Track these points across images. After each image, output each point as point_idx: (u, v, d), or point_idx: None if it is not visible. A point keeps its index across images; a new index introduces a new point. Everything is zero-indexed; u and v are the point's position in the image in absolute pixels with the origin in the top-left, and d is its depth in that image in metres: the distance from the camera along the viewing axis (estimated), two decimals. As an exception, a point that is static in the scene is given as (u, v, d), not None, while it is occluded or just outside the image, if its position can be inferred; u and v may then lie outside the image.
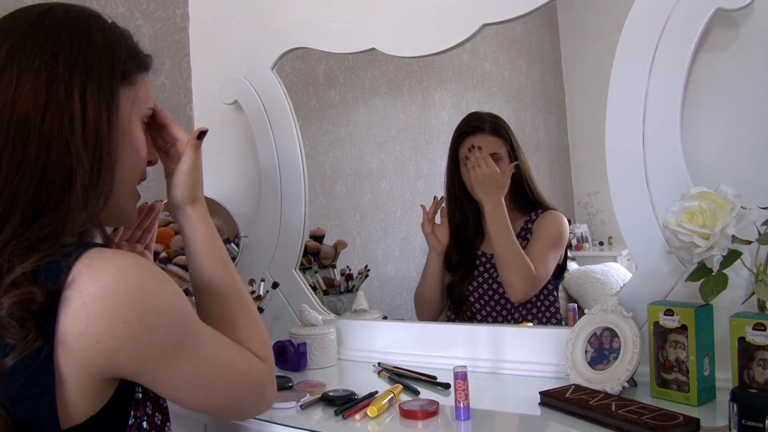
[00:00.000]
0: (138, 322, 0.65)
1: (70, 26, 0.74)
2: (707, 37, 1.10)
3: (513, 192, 1.60)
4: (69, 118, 0.70)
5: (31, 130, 0.68)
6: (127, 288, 0.65)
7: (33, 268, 0.64)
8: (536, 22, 2.07)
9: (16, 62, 0.69)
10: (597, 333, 1.13)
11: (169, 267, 1.39)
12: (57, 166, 0.69)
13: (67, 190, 0.70)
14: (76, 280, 0.64)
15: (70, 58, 0.71)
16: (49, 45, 0.71)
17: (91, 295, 0.63)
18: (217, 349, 0.76)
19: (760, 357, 0.92)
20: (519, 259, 1.49)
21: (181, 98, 1.78)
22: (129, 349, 0.65)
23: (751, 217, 0.98)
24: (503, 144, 1.61)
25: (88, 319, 0.63)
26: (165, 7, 1.75)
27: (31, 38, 0.71)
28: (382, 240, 1.88)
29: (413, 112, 1.98)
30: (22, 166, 0.68)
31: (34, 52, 0.70)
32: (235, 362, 0.78)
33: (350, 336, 1.48)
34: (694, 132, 1.12)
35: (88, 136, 0.71)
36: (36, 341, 0.62)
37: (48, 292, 0.63)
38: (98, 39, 0.75)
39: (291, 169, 1.58)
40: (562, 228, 1.59)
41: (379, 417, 1.04)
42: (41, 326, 0.63)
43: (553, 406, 1.03)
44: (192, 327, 0.73)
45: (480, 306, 1.61)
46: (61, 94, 0.70)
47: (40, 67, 0.70)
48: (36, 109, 0.69)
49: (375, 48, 1.44)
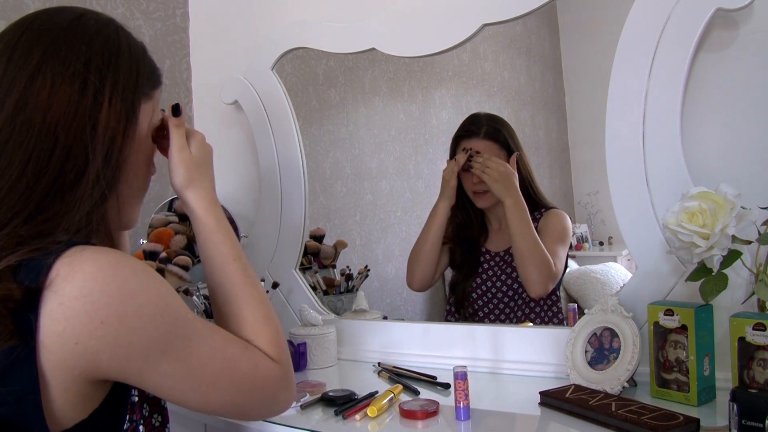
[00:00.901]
0: (117, 323, 0.63)
1: (101, 36, 0.75)
2: (707, 37, 1.10)
3: None
4: (93, 125, 0.71)
5: (59, 136, 0.69)
6: (104, 287, 0.63)
7: (16, 263, 0.64)
8: (536, 22, 2.07)
9: (50, 66, 0.70)
10: (597, 333, 1.13)
11: (169, 267, 1.39)
12: (72, 169, 0.70)
13: (74, 187, 0.70)
14: (54, 280, 0.63)
15: (101, 68, 0.73)
16: (83, 52, 0.72)
17: (68, 295, 0.62)
18: (216, 348, 0.72)
19: (760, 357, 0.92)
20: (540, 253, 1.49)
21: (181, 98, 1.78)
22: (110, 350, 0.64)
23: (751, 217, 0.98)
24: (499, 149, 1.60)
25: (66, 320, 0.62)
26: (165, 7, 1.75)
27: (66, 43, 0.72)
28: (382, 240, 1.88)
29: (413, 112, 1.98)
30: (44, 169, 0.69)
31: (69, 59, 0.71)
32: (238, 362, 0.74)
33: (350, 336, 1.48)
34: (694, 132, 1.12)
35: (105, 141, 0.72)
36: (11, 339, 0.61)
37: (26, 290, 0.62)
38: (126, 52, 0.76)
39: (291, 169, 1.58)
40: (568, 225, 1.61)
41: (379, 417, 1.04)
42: (19, 324, 0.62)
43: (553, 406, 1.03)
44: (182, 326, 0.69)
45: (482, 303, 1.61)
46: (89, 101, 0.71)
47: (74, 74, 0.71)
48: (67, 116, 0.70)
49: (375, 48, 1.44)
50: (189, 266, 1.42)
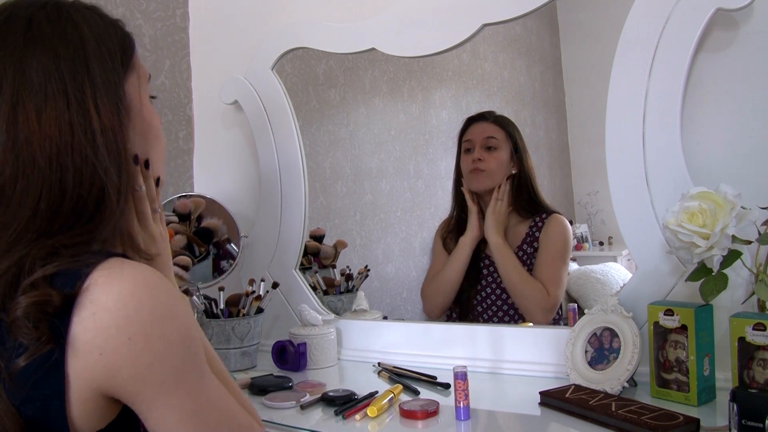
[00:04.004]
0: (143, 342, 0.63)
1: (58, 34, 0.70)
2: (707, 37, 1.10)
3: (516, 194, 1.61)
4: (91, 137, 0.69)
5: (64, 163, 0.67)
6: (138, 305, 0.63)
7: (53, 272, 0.64)
8: (536, 22, 2.07)
9: (27, 94, 0.67)
10: (597, 333, 1.13)
11: (169, 267, 1.38)
12: (89, 190, 0.68)
13: (100, 206, 0.69)
14: (90, 289, 0.63)
15: (74, 72, 0.69)
16: (51, 65, 0.68)
17: (102, 306, 0.62)
18: (221, 396, 0.71)
19: (760, 357, 0.92)
20: (530, 286, 1.52)
21: (181, 98, 1.78)
22: (131, 368, 0.63)
23: (751, 217, 0.98)
24: (505, 136, 1.64)
25: (95, 329, 0.62)
26: (165, 7, 1.75)
27: (28, 63, 0.68)
28: (382, 240, 1.88)
29: (413, 112, 1.98)
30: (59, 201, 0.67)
31: (41, 79, 0.67)
32: (238, 415, 0.73)
33: (350, 336, 1.48)
34: (694, 132, 1.12)
35: (110, 148, 0.70)
36: (48, 344, 0.62)
37: (65, 296, 0.62)
38: (90, 40, 0.72)
39: (291, 169, 1.58)
40: (569, 237, 1.61)
41: (379, 417, 1.04)
42: (55, 329, 0.62)
43: (553, 406, 1.03)
44: (199, 362, 0.69)
45: (482, 309, 1.62)
46: (78, 114, 0.68)
47: (54, 93, 0.67)
48: (65, 140, 0.67)
49: (375, 48, 1.44)
50: (189, 266, 1.42)
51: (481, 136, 1.64)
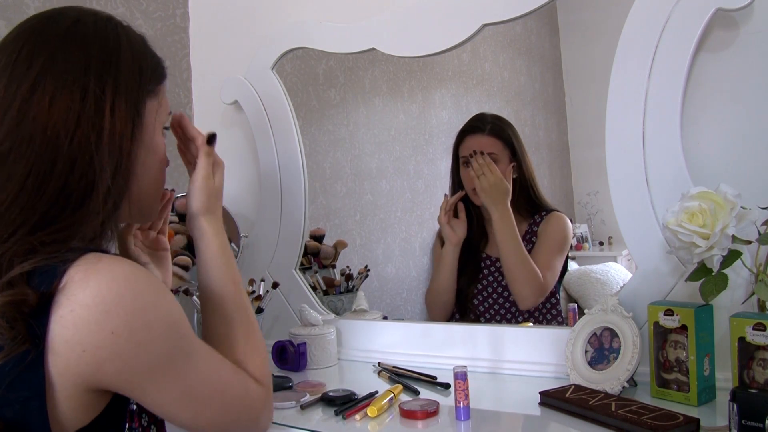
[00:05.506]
0: (127, 335, 0.63)
1: (99, 38, 0.73)
2: (707, 37, 1.10)
3: (516, 196, 1.60)
4: (97, 133, 0.70)
5: (60, 149, 0.68)
6: (118, 298, 0.63)
7: (30, 269, 0.64)
8: (536, 22, 2.07)
9: (49, 77, 0.69)
10: (597, 333, 1.13)
11: (169, 267, 1.39)
12: (78, 180, 0.69)
13: (85, 200, 0.70)
14: (67, 286, 0.63)
15: (101, 73, 0.71)
16: (81, 59, 0.71)
17: (80, 302, 0.62)
18: (212, 369, 0.73)
19: (760, 357, 0.92)
20: (527, 268, 1.50)
21: (181, 98, 1.78)
22: (116, 361, 0.64)
23: (751, 217, 0.98)
24: (503, 146, 1.61)
25: (75, 327, 0.62)
26: (165, 7, 1.75)
27: (63, 52, 0.71)
28: (382, 240, 1.88)
29: (413, 112, 1.98)
30: (45, 182, 0.68)
31: (67, 68, 0.70)
32: (231, 384, 0.75)
33: (350, 336, 1.48)
34: (694, 132, 1.12)
35: (112, 149, 0.71)
36: (24, 344, 0.61)
37: (40, 295, 0.62)
38: (126, 51, 0.75)
39: (291, 169, 1.58)
40: (568, 232, 1.61)
41: (379, 417, 1.04)
42: (31, 329, 0.62)
43: (553, 406, 1.03)
44: (186, 344, 0.70)
45: (484, 309, 1.62)
46: (91, 109, 0.70)
47: (74, 83, 0.70)
48: (67, 128, 0.69)
49: (375, 48, 1.44)
50: (189, 266, 1.42)
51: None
